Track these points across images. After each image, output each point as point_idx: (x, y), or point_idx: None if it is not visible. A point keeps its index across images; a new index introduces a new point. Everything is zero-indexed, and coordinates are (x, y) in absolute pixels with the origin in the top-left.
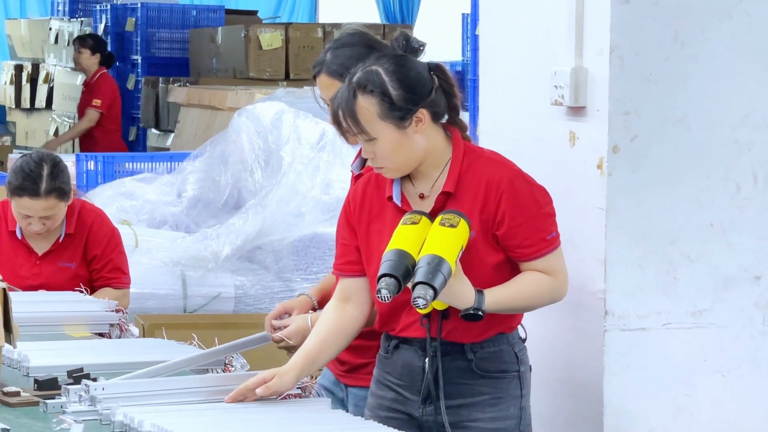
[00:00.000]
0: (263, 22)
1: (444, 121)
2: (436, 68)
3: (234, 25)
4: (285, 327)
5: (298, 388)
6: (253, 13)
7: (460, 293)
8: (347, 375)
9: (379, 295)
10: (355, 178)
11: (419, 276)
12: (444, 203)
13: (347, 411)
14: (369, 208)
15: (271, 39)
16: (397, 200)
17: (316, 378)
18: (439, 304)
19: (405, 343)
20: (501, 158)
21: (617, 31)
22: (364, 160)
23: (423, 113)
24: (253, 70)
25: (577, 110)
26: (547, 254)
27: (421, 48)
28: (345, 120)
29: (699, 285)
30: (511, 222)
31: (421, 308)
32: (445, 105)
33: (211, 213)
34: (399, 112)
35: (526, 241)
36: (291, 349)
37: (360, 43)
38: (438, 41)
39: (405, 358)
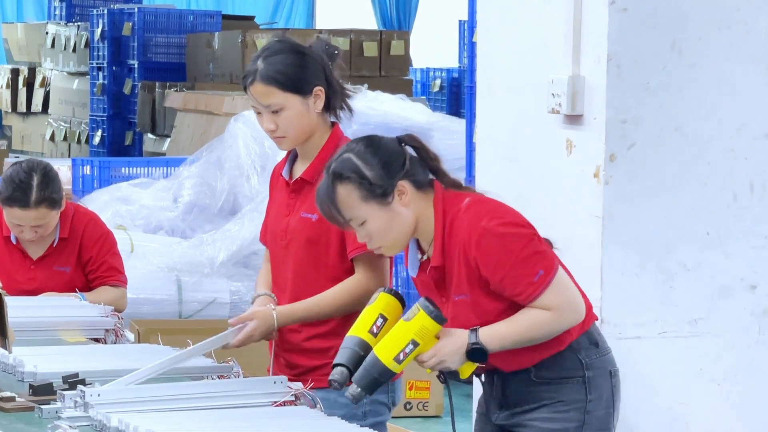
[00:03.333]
0: (260, 27)
1: (428, 185)
2: (407, 139)
3: (231, 31)
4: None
5: (292, 395)
6: (250, 18)
7: (454, 343)
8: (299, 378)
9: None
10: (286, 183)
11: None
12: (438, 276)
13: None
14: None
15: None
16: (412, 271)
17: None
18: (467, 368)
19: None
20: (475, 208)
21: (615, 40)
22: (291, 167)
23: (403, 185)
24: None
25: (574, 118)
26: (539, 295)
27: (336, 53)
28: (330, 211)
29: (695, 294)
30: (493, 278)
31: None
32: (424, 172)
33: (207, 218)
34: (379, 190)
35: (515, 290)
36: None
37: (289, 50)
38: (435, 48)
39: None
